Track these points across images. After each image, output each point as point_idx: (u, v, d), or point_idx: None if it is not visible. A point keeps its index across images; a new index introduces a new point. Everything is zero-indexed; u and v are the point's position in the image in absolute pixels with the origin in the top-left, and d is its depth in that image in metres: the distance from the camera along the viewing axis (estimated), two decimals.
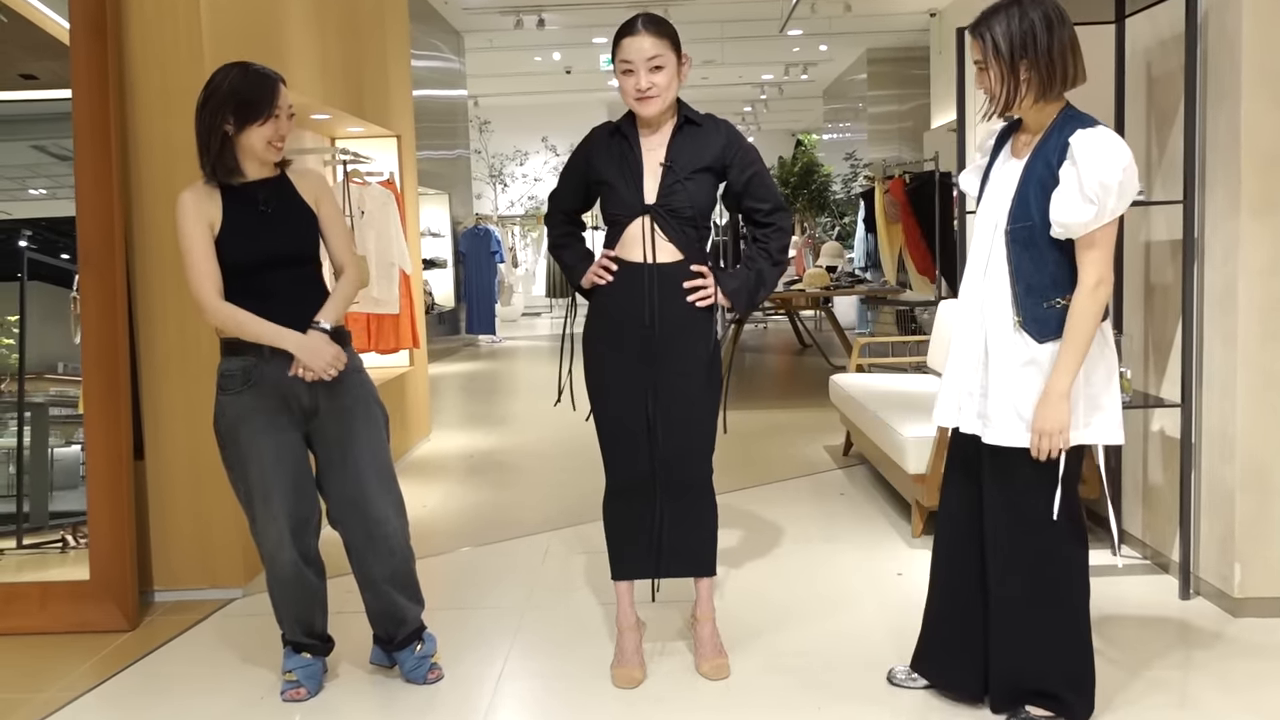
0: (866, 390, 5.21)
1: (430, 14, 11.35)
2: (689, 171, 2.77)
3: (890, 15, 12.33)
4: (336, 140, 6.08)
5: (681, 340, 2.82)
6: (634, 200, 2.78)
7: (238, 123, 2.66)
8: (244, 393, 2.72)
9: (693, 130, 2.82)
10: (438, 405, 7.92)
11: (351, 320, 5.94)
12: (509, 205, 17.06)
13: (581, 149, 2.93)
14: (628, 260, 2.82)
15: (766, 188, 2.88)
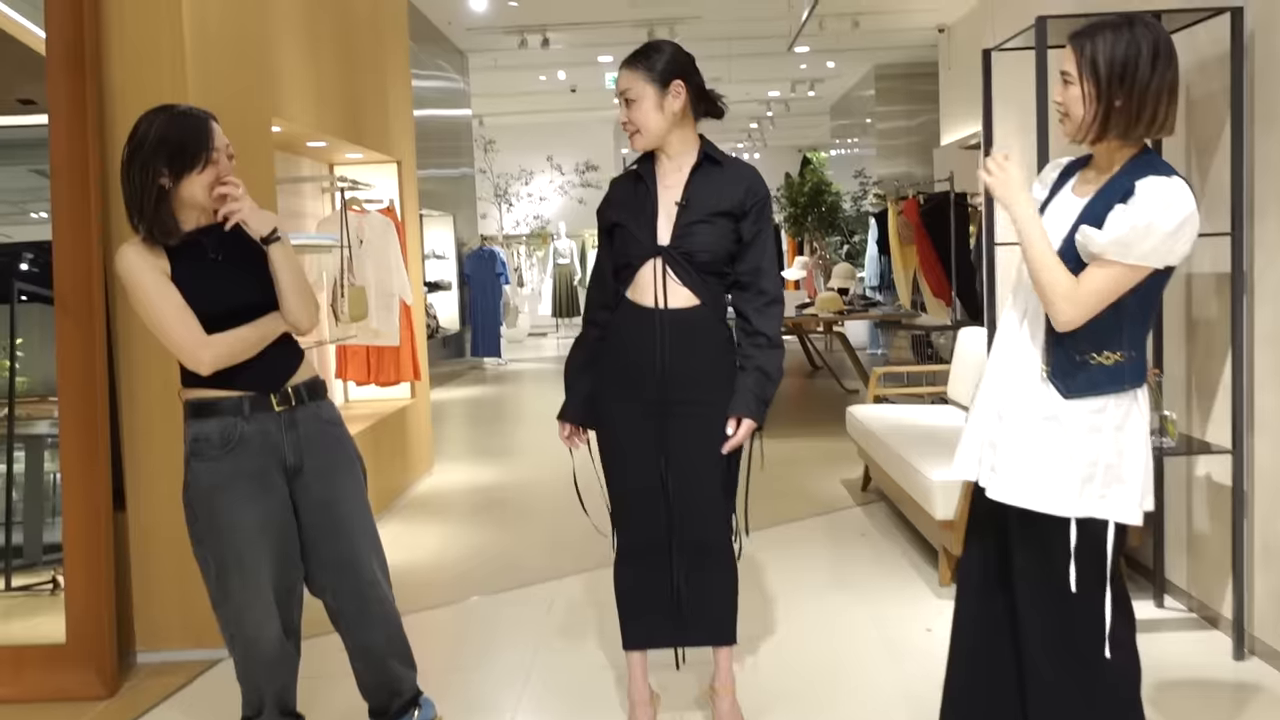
0: (887, 424, 4.98)
1: (434, 34, 11.19)
2: (706, 214, 2.57)
3: (898, 31, 12.14)
4: (335, 167, 5.88)
5: (696, 390, 2.60)
6: (646, 240, 2.58)
7: (173, 173, 2.41)
8: (223, 459, 2.48)
9: (713, 170, 2.62)
10: (441, 435, 7.70)
11: (351, 353, 5.74)
12: (514, 225, 16.87)
13: (602, 204, 2.75)
14: (639, 304, 2.61)
15: (769, 258, 2.64)
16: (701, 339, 2.61)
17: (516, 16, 10.62)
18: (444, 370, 11.21)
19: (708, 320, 2.61)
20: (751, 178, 2.63)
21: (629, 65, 2.58)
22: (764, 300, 2.62)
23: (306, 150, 5.30)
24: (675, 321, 2.57)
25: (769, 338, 2.61)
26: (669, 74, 2.57)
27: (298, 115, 4.35)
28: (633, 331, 2.61)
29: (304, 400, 2.57)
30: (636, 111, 2.56)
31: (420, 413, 6.20)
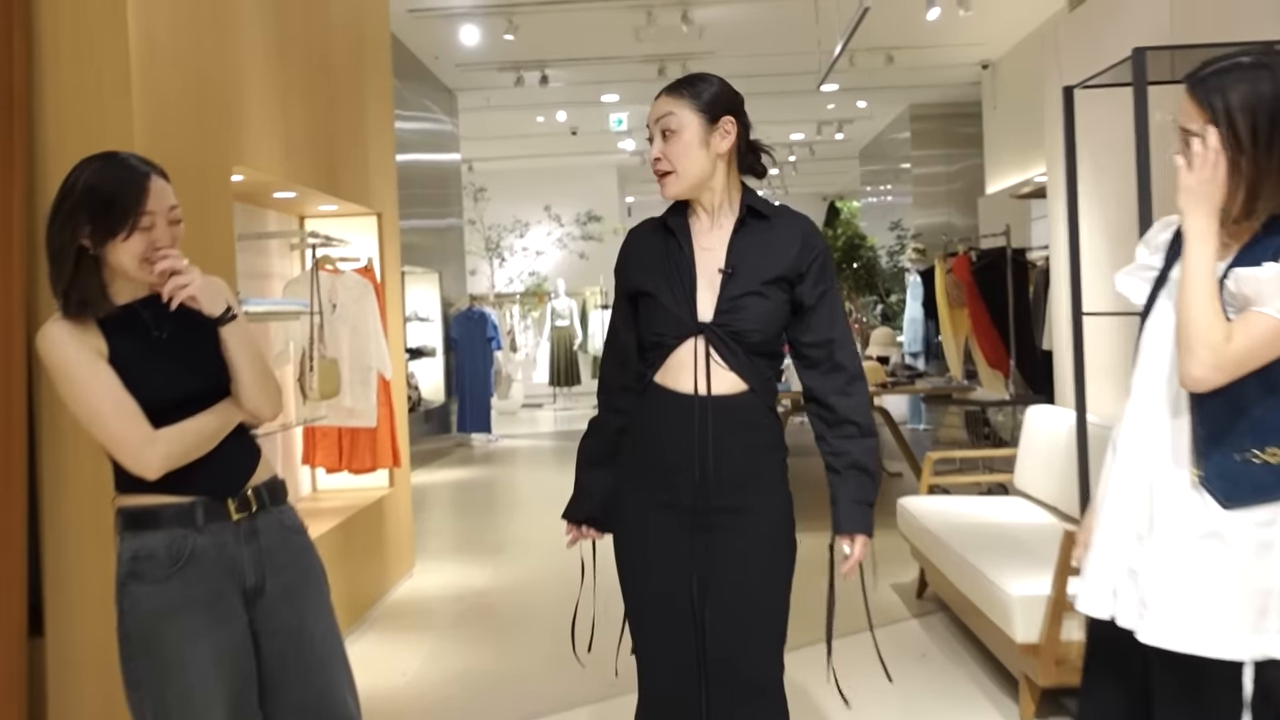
0: (947, 521, 4.73)
1: (420, 71, 11.15)
2: (757, 283, 2.36)
3: (937, 68, 12.12)
4: (306, 221, 5.71)
5: (742, 494, 2.38)
6: (684, 315, 2.37)
7: (96, 235, 2.21)
8: (171, 580, 2.26)
9: (760, 227, 2.42)
10: (422, 527, 7.44)
11: (321, 435, 5.52)
12: (507, 282, 16.76)
13: (619, 260, 2.54)
14: (674, 390, 2.39)
15: (841, 326, 2.44)
16: (750, 432, 2.39)
17: (512, 51, 10.58)
18: (426, 448, 10.98)
19: (757, 409, 2.40)
20: (806, 230, 2.44)
21: (671, 91, 2.39)
22: (844, 378, 2.41)
23: (273, 202, 5.14)
24: (720, 411, 2.36)
25: (859, 425, 2.40)
26: (719, 107, 2.38)
27: (263, 162, 4.18)
28: (667, 423, 2.40)
29: (265, 505, 2.39)
30: (675, 146, 2.36)
31: (400, 504, 5.96)
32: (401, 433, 5.86)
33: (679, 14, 9.38)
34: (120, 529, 2.31)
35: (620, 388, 2.54)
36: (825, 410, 2.41)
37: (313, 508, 5.45)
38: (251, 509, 2.35)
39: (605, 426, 2.57)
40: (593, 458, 2.58)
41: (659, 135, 2.38)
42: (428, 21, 9.71)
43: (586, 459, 2.59)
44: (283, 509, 2.45)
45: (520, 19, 9.45)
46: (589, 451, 2.59)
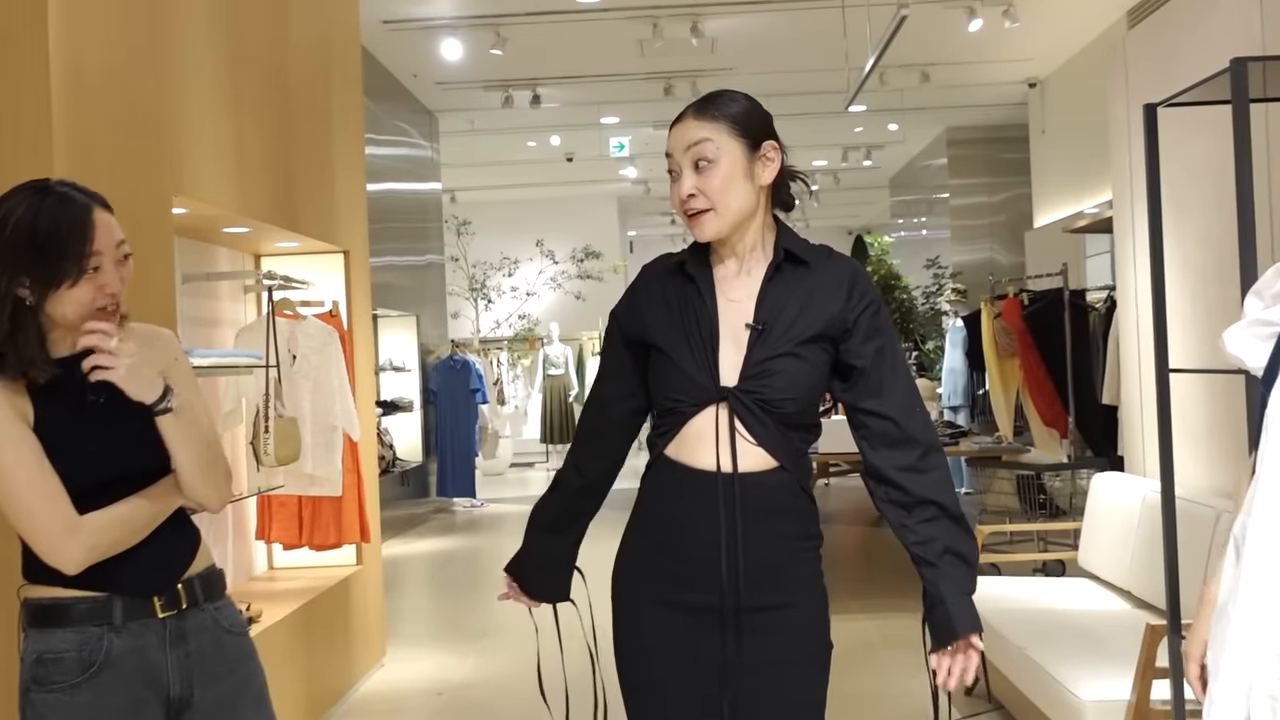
0: (1003, 608, 4.54)
1: (396, 91, 11.10)
2: (793, 342, 2.20)
3: (978, 87, 12.09)
4: (263, 260, 5.58)
5: (776, 589, 2.22)
6: (704, 378, 2.21)
7: (36, 285, 2.07)
8: (81, 688, 2.12)
9: (797, 274, 2.25)
10: (395, 608, 7.25)
11: (278, 505, 5.36)
12: (494, 326, 16.62)
13: (625, 299, 2.39)
14: (691, 467, 2.23)
15: (905, 386, 2.27)
16: (783, 518, 2.24)
17: (500, 68, 10.53)
18: (401, 515, 10.80)
19: (789, 490, 2.24)
20: (853, 275, 2.27)
21: (702, 113, 2.22)
22: (915, 452, 2.22)
23: (224, 238, 5.01)
24: (748, 493, 2.20)
25: (941, 505, 2.20)
26: (759, 130, 2.22)
27: (209, 193, 4.04)
28: (683, 505, 2.24)
29: (198, 601, 2.26)
30: (713, 178, 2.18)
31: (370, 584, 5.78)
32: (371, 503, 5.69)
33: (688, 25, 9.32)
34: (24, 625, 2.18)
35: (592, 447, 2.44)
36: (896, 491, 2.23)
37: (268, 589, 5.27)
38: (181, 606, 2.22)
39: (566, 485, 2.45)
40: (545, 520, 2.48)
41: (688, 166, 2.20)
42: (405, 35, 9.66)
43: (537, 520, 2.49)
44: (219, 605, 2.32)
45: (509, 31, 9.39)
46: (542, 512, 2.49)
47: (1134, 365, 5.07)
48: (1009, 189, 13.60)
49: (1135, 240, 4.99)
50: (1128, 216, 5.05)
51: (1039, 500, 6.69)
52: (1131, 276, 5.05)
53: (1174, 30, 4.66)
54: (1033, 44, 10.50)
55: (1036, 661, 3.87)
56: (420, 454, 11.84)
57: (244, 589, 5.24)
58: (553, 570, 2.48)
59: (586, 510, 2.46)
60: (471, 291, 15.75)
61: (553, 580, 2.49)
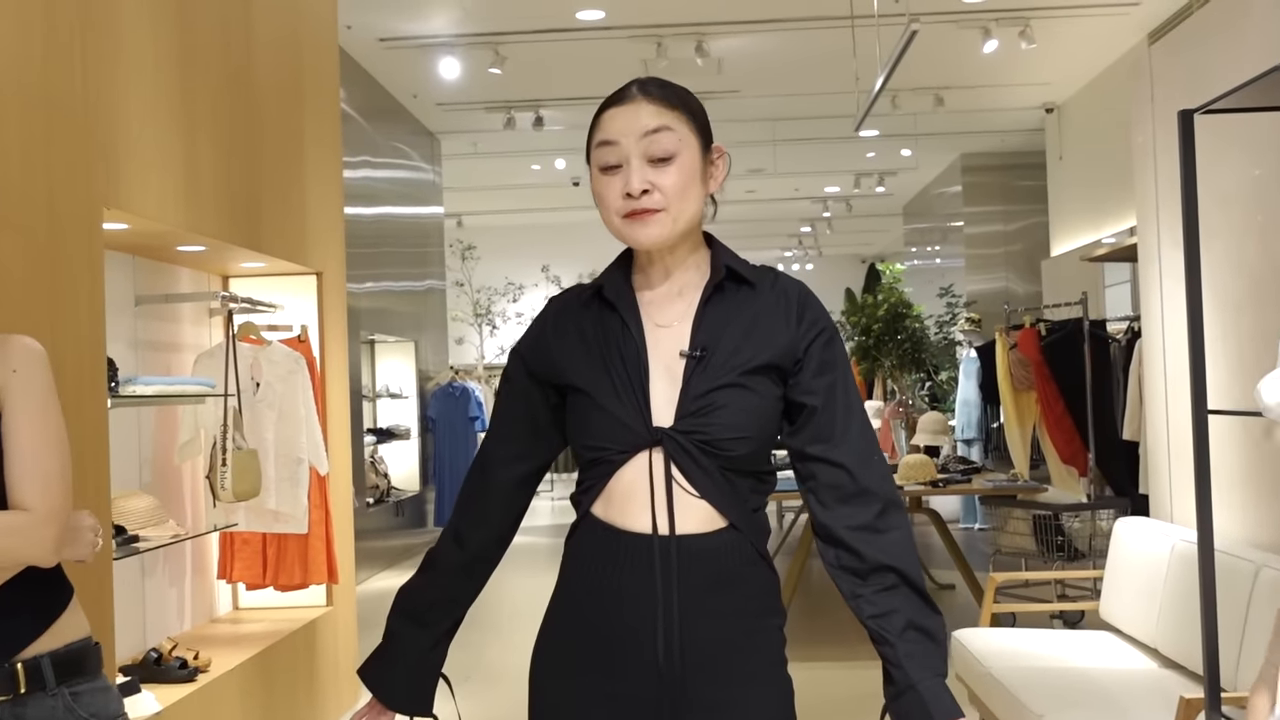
0: (1019, 665, 4.14)
1: (395, 111, 10.79)
2: (736, 370, 1.83)
3: (993, 111, 11.74)
4: (230, 281, 5.24)
5: (725, 685, 1.82)
6: (632, 420, 1.83)
7: None
8: None
9: (740, 295, 1.89)
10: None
11: (241, 542, 5.01)
12: (498, 352, 16.30)
13: (530, 332, 2.02)
14: (620, 529, 1.85)
15: (859, 430, 1.88)
16: (732, 590, 1.84)
17: (500, 88, 10.22)
18: (396, 545, 10.43)
19: (740, 554, 1.85)
20: (802, 298, 1.90)
21: (658, 95, 1.86)
22: (873, 508, 1.83)
23: (183, 258, 4.66)
24: (689, 559, 1.82)
25: (902, 574, 1.81)
26: (707, 129, 1.91)
27: (150, 207, 3.69)
28: (611, 575, 1.85)
29: (46, 684, 1.88)
30: (673, 175, 1.82)
31: (340, 627, 5.40)
32: (343, 541, 5.32)
33: (693, 45, 8.99)
34: None
35: (472, 514, 2.01)
36: (848, 555, 1.82)
37: (230, 632, 4.92)
38: (20, 689, 1.84)
39: (440, 561, 2.01)
40: (409, 604, 2.02)
41: (638, 156, 1.83)
42: (402, 54, 9.35)
43: (401, 603, 2.03)
44: (79, 690, 1.92)
45: (508, 50, 9.07)
46: (408, 594, 2.03)
47: (1160, 402, 4.68)
48: (1025, 217, 13.24)
49: (1161, 267, 4.61)
50: (1153, 241, 4.67)
51: (1056, 542, 6.28)
52: (1157, 306, 4.66)
53: (1203, 42, 4.29)
54: (1050, 68, 10.15)
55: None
56: (418, 483, 11.47)
57: (205, 631, 4.89)
58: (411, 671, 2.00)
59: (461, 596, 2.01)
60: (476, 317, 15.43)
61: (410, 685, 2.01)
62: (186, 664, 4.06)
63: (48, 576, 1.92)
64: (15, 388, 1.87)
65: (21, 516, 1.81)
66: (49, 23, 3.12)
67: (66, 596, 1.95)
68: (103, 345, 3.34)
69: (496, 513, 2.01)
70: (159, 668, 4.00)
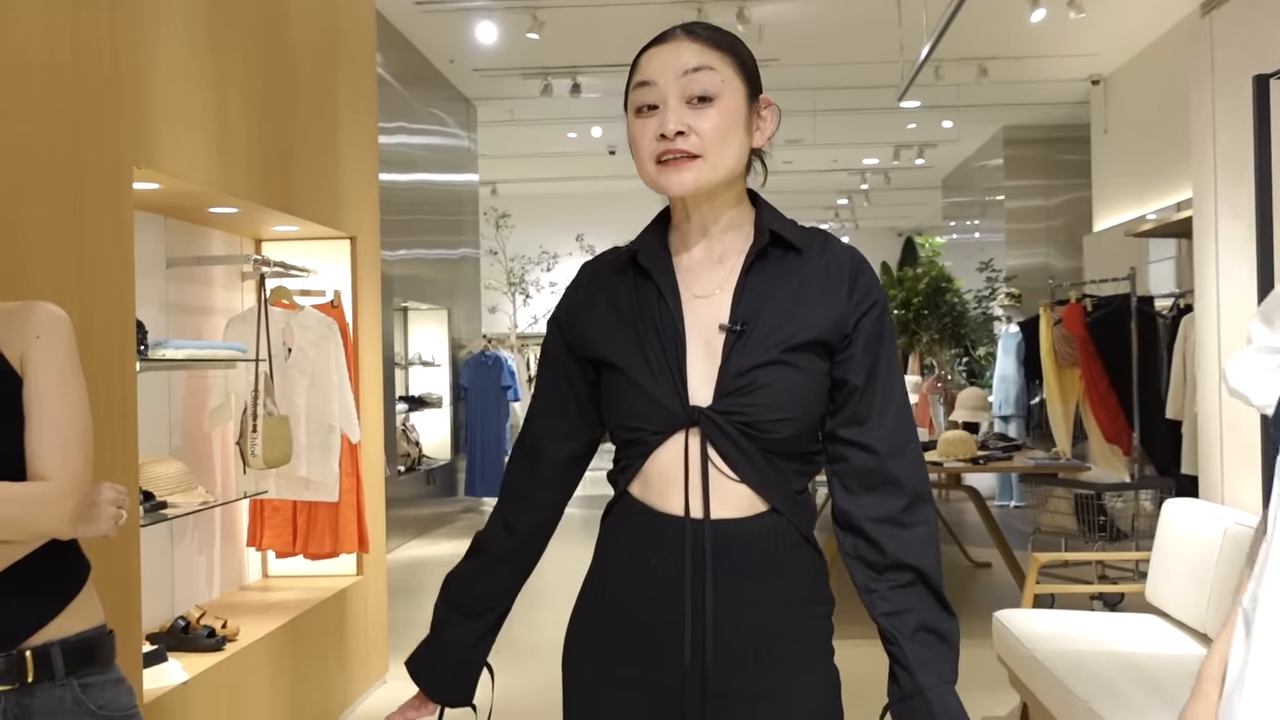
0: (1063, 649, 4.03)
1: (431, 76, 10.69)
2: (781, 346, 1.70)
3: (1038, 83, 11.51)
4: (263, 245, 5.16)
5: (762, 677, 1.72)
6: (665, 397, 1.72)
7: None
8: None
9: (785, 261, 1.76)
10: (408, 618, 6.80)
11: (271, 510, 4.96)
12: (531, 322, 16.21)
13: (563, 302, 1.91)
14: (653, 509, 1.75)
15: (897, 415, 1.76)
16: (773, 576, 1.73)
17: (538, 54, 10.09)
18: (426, 514, 10.40)
19: (784, 539, 1.74)
20: (855, 266, 1.76)
21: (701, 36, 1.73)
22: (899, 500, 1.71)
23: (215, 220, 4.59)
24: (724, 545, 1.71)
25: (921, 572, 1.70)
26: (759, 81, 1.78)
27: (183, 167, 3.61)
28: (644, 560, 1.75)
29: (55, 674, 1.78)
30: (713, 117, 1.69)
31: (371, 596, 5.34)
32: (374, 510, 5.26)
33: (735, 10, 8.83)
34: None
35: (519, 497, 1.91)
36: (867, 546, 1.72)
37: (260, 600, 4.87)
38: (28, 678, 1.75)
39: (488, 549, 1.92)
40: (458, 594, 1.93)
41: (677, 97, 1.69)
42: (439, 17, 9.24)
43: (449, 593, 1.93)
44: (89, 682, 1.82)
45: (546, 15, 8.94)
46: (455, 584, 1.93)
47: (1213, 380, 4.53)
48: (1067, 191, 13.00)
49: (1218, 239, 4.46)
50: (1210, 213, 4.52)
51: (1099, 522, 6.15)
52: (1213, 280, 4.51)
53: (1266, 5, 4.13)
54: (1097, 38, 9.92)
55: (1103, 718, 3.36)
56: (449, 452, 11.43)
57: (234, 599, 4.84)
58: (457, 665, 1.91)
59: (509, 584, 1.93)
60: (509, 286, 15.34)
61: (456, 678, 1.92)
62: (214, 633, 4.01)
63: (63, 555, 1.83)
64: (38, 355, 1.79)
65: (39, 487, 1.73)
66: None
67: (82, 578, 1.86)
68: (132, 308, 3.26)
69: (544, 495, 1.90)
70: (186, 636, 3.95)
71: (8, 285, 2.63)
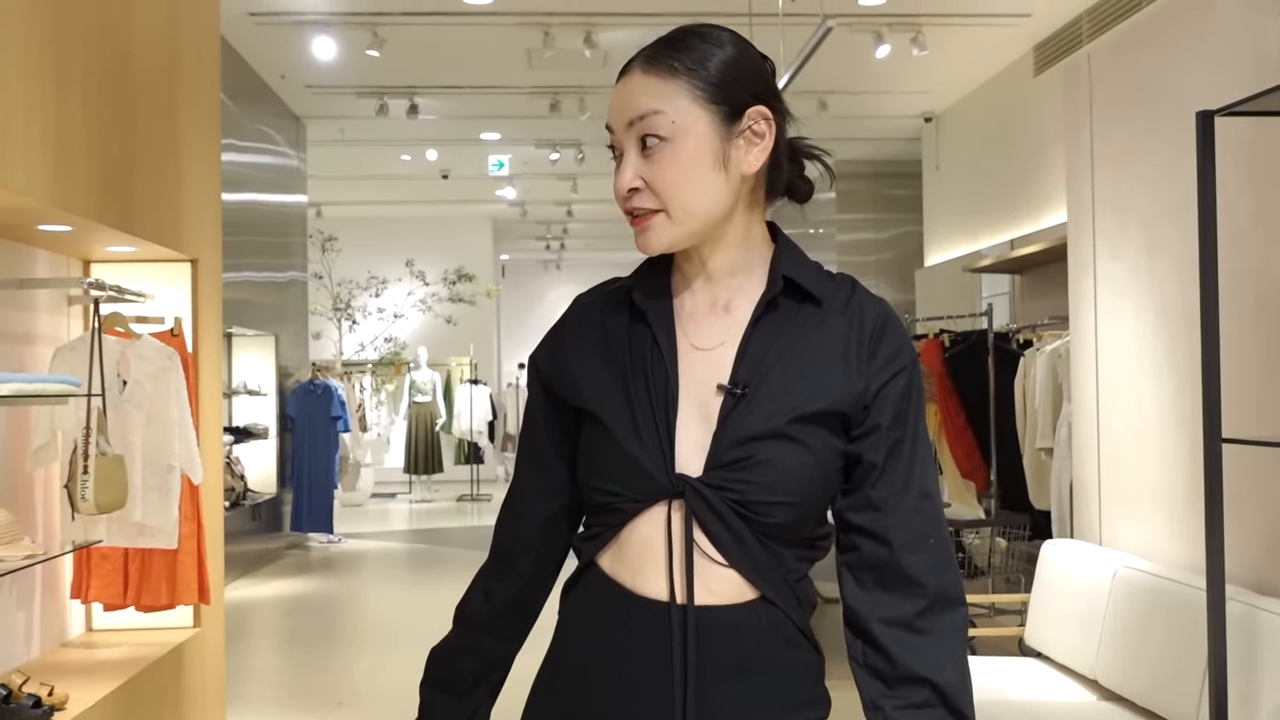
0: None
1: (260, 92, 10.18)
2: (787, 418, 1.45)
3: (873, 119, 11.67)
4: (93, 267, 4.70)
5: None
6: (651, 464, 1.46)
7: None
8: None
9: (802, 314, 1.51)
10: (239, 666, 6.35)
11: (99, 557, 4.48)
12: (358, 348, 15.69)
13: (547, 340, 1.65)
14: (631, 591, 1.49)
15: (922, 505, 1.49)
16: (765, 674, 1.49)
17: (376, 74, 9.70)
18: (251, 550, 9.84)
19: (777, 632, 1.49)
20: (880, 323, 1.50)
21: (653, 63, 1.46)
22: (918, 603, 1.46)
23: (40, 237, 4.13)
24: (711, 635, 1.46)
25: (940, 690, 1.44)
26: (741, 88, 1.47)
27: (17, 179, 3.19)
28: (616, 648, 1.50)
29: None
30: (665, 165, 1.45)
31: (208, 651, 4.90)
32: (214, 557, 4.82)
33: (582, 35, 8.64)
34: None
35: (501, 559, 1.66)
36: (876, 655, 1.47)
37: (85, 658, 4.39)
38: None
39: (471, 619, 1.66)
40: (443, 672, 1.68)
41: (633, 146, 1.47)
42: (273, 30, 8.77)
43: (434, 671, 1.68)
44: None
45: (387, 32, 8.58)
46: (440, 660, 1.68)
47: (1091, 417, 4.51)
48: (898, 225, 13.25)
49: (1096, 278, 4.45)
50: (1088, 255, 4.51)
51: (958, 558, 6.12)
52: (1090, 318, 4.50)
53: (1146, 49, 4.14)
54: (932, 76, 10.08)
55: None
56: (275, 485, 10.84)
57: (56, 658, 4.35)
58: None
59: (495, 659, 1.66)
60: (335, 311, 14.80)
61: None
62: (40, 702, 3.56)
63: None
64: None
65: None
66: None
67: None
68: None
69: (526, 558, 1.64)
70: (9, 707, 3.49)
71: None
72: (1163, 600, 3.65)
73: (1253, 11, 3.49)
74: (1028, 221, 9.10)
